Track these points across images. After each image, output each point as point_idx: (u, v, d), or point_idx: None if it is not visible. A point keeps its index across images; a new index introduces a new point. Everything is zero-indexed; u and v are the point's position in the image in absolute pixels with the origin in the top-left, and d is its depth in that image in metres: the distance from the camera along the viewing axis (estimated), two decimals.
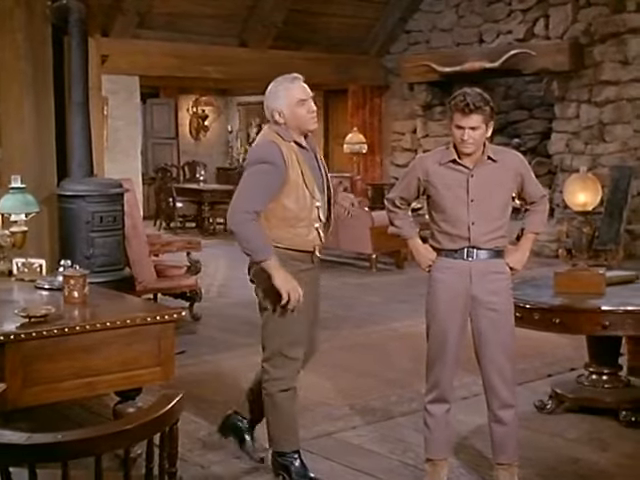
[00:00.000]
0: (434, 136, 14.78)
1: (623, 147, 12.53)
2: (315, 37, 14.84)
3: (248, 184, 4.35)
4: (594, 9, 12.78)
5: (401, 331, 7.95)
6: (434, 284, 4.49)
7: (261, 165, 4.33)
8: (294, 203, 4.36)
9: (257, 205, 4.31)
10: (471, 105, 4.23)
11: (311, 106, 4.36)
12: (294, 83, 4.35)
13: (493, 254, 4.42)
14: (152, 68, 13.42)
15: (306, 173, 4.37)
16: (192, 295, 8.51)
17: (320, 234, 4.44)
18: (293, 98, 4.31)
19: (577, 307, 5.33)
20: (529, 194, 4.54)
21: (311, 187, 4.37)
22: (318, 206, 4.41)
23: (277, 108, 4.35)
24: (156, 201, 17.09)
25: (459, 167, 4.37)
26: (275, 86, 4.40)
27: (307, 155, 4.42)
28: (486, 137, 4.38)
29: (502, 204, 4.43)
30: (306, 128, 4.39)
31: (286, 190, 4.34)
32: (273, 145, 4.33)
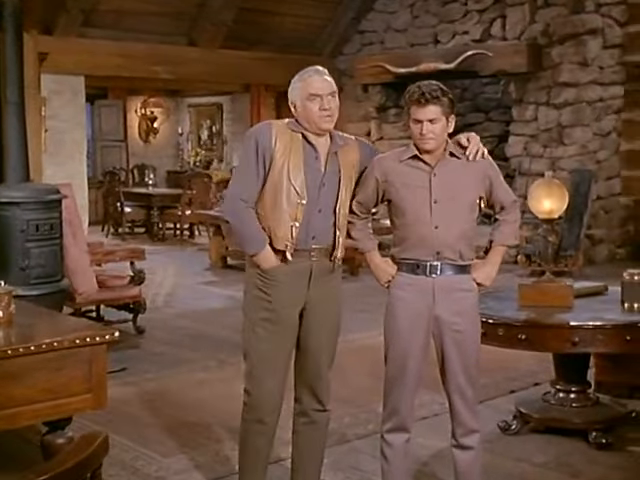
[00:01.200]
0: (388, 139, 14.51)
1: (582, 150, 12.31)
2: (266, 37, 14.52)
3: (240, 168, 4.19)
4: (552, 9, 12.54)
5: (357, 343, 7.56)
6: (394, 302, 4.12)
7: (247, 144, 4.10)
8: (272, 188, 4.03)
9: (251, 190, 4.05)
10: (427, 95, 3.90)
11: (324, 103, 4.01)
12: (312, 76, 4.05)
13: (458, 269, 4.06)
14: (98, 68, 13.04)
15: (294, 165, 4.01)
16: (136, 306, 8.07)
17: (293, 234, 4.01)
18: (305, 91, 4.01)
19: (544, 322, 4.99)
20: (498, 200, 4.17)
21: (297, 182, 3.99)
22: (300, 203, 4.00)
23: (292, 100, 4.09)
24: (104, 206, 16.63)
25: (420, 164, 4.02)
26: (296, 78, 4.11)
27: (310, 153, 4.05)
28: (448, 132, 4.03)
29: (468, 206, 4.06)
30: (317, 126, 4.04)
31: (270, 172, 4.04)
32: (266, 125, 4.15)
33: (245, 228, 4.06)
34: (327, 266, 4.14)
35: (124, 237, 15.66)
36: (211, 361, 7.08)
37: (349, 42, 15.47)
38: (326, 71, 4.09)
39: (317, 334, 4.17)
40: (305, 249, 4.04)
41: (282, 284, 4.04)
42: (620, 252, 12.66)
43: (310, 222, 4.03)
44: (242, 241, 4.13)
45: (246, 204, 4.02)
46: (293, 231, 4.01)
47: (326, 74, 4.07)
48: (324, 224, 4.09)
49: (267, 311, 4.06)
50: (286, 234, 4.01)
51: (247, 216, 4.03)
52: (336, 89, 4.08)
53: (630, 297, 5.25)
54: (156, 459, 4.97)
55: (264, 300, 4.06)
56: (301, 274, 4.07)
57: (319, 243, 4.08)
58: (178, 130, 20.54)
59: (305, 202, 4.01)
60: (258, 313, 4.08)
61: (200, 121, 20.24)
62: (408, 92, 3.99)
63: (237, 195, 4.06)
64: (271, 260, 4.02)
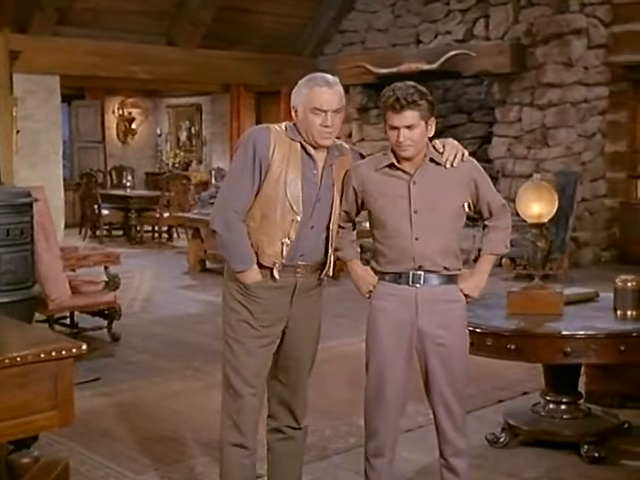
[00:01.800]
0: (370, 140, 14.31)
1: (567, 152, 12.14)
2: (246, 36, 14.29)
3: (234, 174, 3.85)
4: (536, 9, 12.38)
5: (337, 351, 7.32)
6: (375, 313, 3.91)
7: (243, 148, 3.80)
8: (265, 200, 3.76)
9: (243, 201, 3.78)
10: (402, 100, 3.66)
11: (327, 120, 3.72)
12: (321, 88, 3.74)
13: (443, 279, 3.85)
14: (74, 67, 12.80)
15: (292, 177, 3.74)
16: (111, 313, 7.81)
17: (284, 252, 3.76)
18: (310, 102, 3.73)
19: (534, 332, 4.78)
20: (486, 204, 3.94)
21: (293, 196, 3.73)
22: (294, 220, 3.74)
23: (294, 104, 3.82)
24: (81, 208, 16.33)
25: (398, 172, 3.80)
26: (304, 81, 3.84)
27: (309, 165, 3.79)
28: (428, 137, 3.80)
29: (451, 216, 3.85)
30: (314, 140, 3.76)
31: (265, 182, 3.77)
32: (264, 129, 3.86)
33: (235, 243, 3.78)
34: (312, 282, 3.92)
35: (102, 240, 15.36)
36: (187, 370, 6.84)
37: (330, 42, 15.28)
38: (337, 81, 3.81)
39: (298, 351, 3.96)
40: (291, 265, 3.82)
41: (264, 300, 3.82)
42: (605, 255, 12.50)
43: (301, 239, 3.79)
44: (230, 256, 3.83)
45: (238, 216, 3.75)
46: (284, 249, 3.77)
47: (336, 86, 3.78)
48: (315, 241, 3.86)
49: (248, 327, 3.83)
50: (276, 252, 3.78)
51: (239, 230, 3.76)
52: (343, 104, 3.81)
53: (623, 304, 5.06)
54: (128, 477, 4.72)
55: (244, 316, 3.84)
56: (284, 291, 3.85)
57: (307, 260, 3.85)
58: (157, 131, 20.26)
59: (300, 219, 3.76)
60: (238, 328, 3.85)
61: (179, 122, 19.97)
62: (383, 96, 3.76)
63: (230, 205, 3.77)
64: (256, 277, 3.78)
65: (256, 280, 3.77)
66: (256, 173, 3.74)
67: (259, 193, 3.76)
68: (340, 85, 3.81)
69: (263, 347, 3.86)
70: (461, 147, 3.91)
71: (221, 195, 3.90)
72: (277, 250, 3.76)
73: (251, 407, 3.87)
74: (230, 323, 3.87)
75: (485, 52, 12.41)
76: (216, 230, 3.82)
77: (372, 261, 3.96)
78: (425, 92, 3.76)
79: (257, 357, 3.86)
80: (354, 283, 4.01)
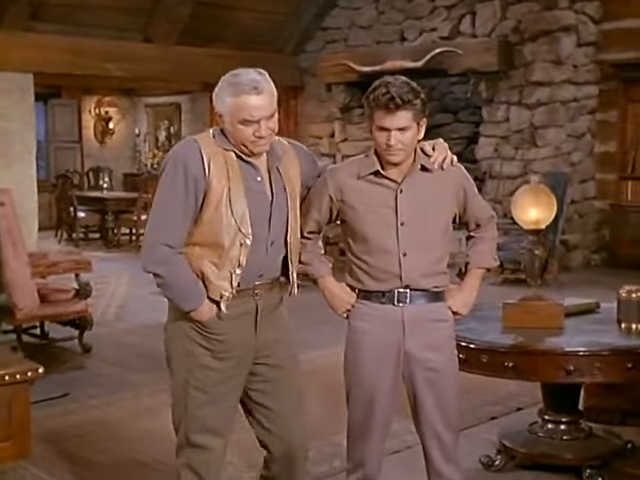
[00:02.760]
0: (353, 140, 14.01)
1: (556, 152, 11.83)
2: (225, 33, 13.88)
3: (162, 205, 3.31)
4: (524, 5, 12.04)
5: (317, 363, 6.93)
6: (355, 336, 3.53)
7: (171, 172, 3.26)
8: (208, 224, 3.27)
9: (178, 232, 3.28)
10: (397, 99, 3.27)
11: (261, 129, 3.23)
12: (249, 95, 3.19)
13: (431, 296, 3.50)
14: (47, 64, 12.29)
15: (235, 193, 3.25)
16: (81, 322, 7.44)
17: (233, 282, 3.29)
18: (237, 113, 3.22)
19: (534, 348, 4.41)
20: (473, 215, 3.60)
21: (239, 215, 3.24)
22: (244, 244, 3.27)
23: (219, 110, 3.29)
24: (57, 211, 15.94)
25: (383, 181, 3.43)
26: (225, 85, 3.25)
27: (250, 174, 3.30)
28: (418, 140, 3.45)
29: (441, 228, 3.50)
30: (249, 150, 3.28)
31: (205, 204, 3.28)
32: (191, 143, 3.31)
33: (177, 281, 3.28)
34: (274, 299, 3.50)
35: (78, 243, 15.03)
36: (161, 384, 6.42)
37: (312, 39, 14.89)
38: (266, 78, 3.26)
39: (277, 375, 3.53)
40: (248, 288, 3.37)
41: (226, 335, 3.37)
42: (595, 258, 12.20)
43: (256, 262, 3.34)
44: (175, 297, 3.31)
45: (173, 250, 3.26)
46: (233, 279, 3.31)
47: (266, 86, 3.24)
48: (274, 259, 3.43)
49: (211, 372, 3.37)
50: (223, 283, 3.31)
51: (177, 265, 3.27)
52: (275, 106, 3.28)
53: (627, 317, 4.72)
54: None
55: (205, 359, 3.36)
56: (246, 317, 3.41)
57: (266, 278, 3.43)
58: (135, 131, 19.83)
59: (250, 241, 3.29)
60: (199, 375, 3.37)
61: (158, 122, 19.54)
62: (373, 94, 3.35)
63: (160, 240, 3.25)
64: (210, 312, 3.33)
65: (211, 314, 3.33)
66: (190, 198, 3.25)
67: (199, 220, 3.29)
68: (269, 81, 3.27)
69: (231, 391, 3.43)
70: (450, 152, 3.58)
71: (148, 230, 3.35)
72: (225, 281, 3.30)
73: (221, 458, 3.49)
74: (189, 369, 3.37)
75: (472, 50, 12.09)
76: (152, 272, 3.28)
77: (347, 276, 3.58)
78: (418, 89, 3.40)
79: (226, 402, 3.42)
80: (328, 303, 3.63)
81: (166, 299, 3.40)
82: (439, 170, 3.48)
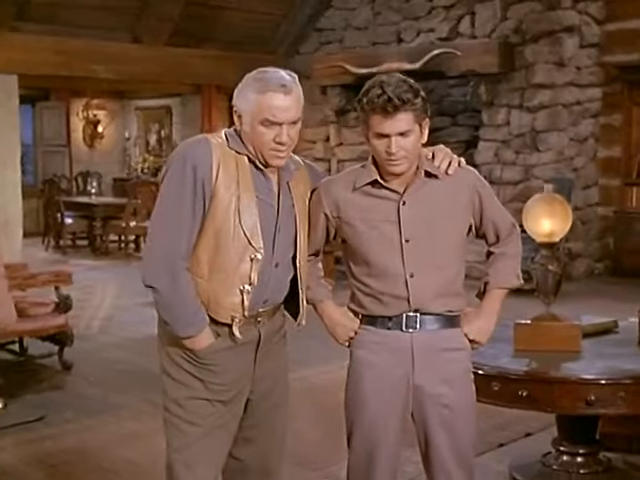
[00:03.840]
0: (349, 144, 13.63)
1: (558, 157, 11.46)
2: (216, 34, 13.52)
3: (170, 207, 2.90)
4: (525, 5, 11.67)
5: (312, 382, 6.50)
6: (358, 368, 3.13)
7: (179, 171, 2.87)
8: (213, 237, 2.89)
9: (186, 241, 2.89)
10: (395, 100, 2.86)
11: (282, 134, 2.88)
12: (276, 93, 2.86)
13: (445, 322, 3.09)
14: (33, 66, 11.95)
15: (245, 203, 2.88)
16: (61, 338, 7.01)
17: (245, 302, 2.91)
18: (260, 112, 2.87)
19: (551, 376, 3.99)
20: (492, 226, 3.19)
21: (249, 227, 2.88)
22: (255, 259, 2.89)
23: (238, 108, 2.94)
24: (44, 217, 15.52)
25: (383, 192, 3.02)
26: (251, 81, 2.93)
27: (261, 183, 2.93)
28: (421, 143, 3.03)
29: (453, 243, 3.09)
30: (264, 159, 2.92)
31: (209, 213, 2.89)
32: (202, 142, 2.93)
33: (183, 302, 2.89)
34: (276, 326, 3.11)
35: (65, 250, 14.63)
36: (144, 405, 5.99)
37: (306, 40, 14.53)
38: (296, 80, 2.94)
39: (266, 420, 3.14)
40: (252, 315, 2.98)
41: (222, 366, 2.97)
42: (599, 267, 11.83)
43: (264, 282, 2.95)
44: (175, 320, 2.91)
45: (180, 262, 2.88)
46: (245, 298, 2.91)
47: (295, 88, 2.91)
48: (281, 282, 3.04)
49: (202, 404, 2.99)
50: (234, 303, 2.91)
51: (183, 281, 2.88)
52: (301, 113, 2.94)
53: None
54: None
55: (197, 391, 2.98)
56: (246, 348, 3.02)
57: (270, 304, 3.03)
58: (125, 134, 19.40)
59: (261, 256, 2.91)
60: (189, 407, 2.99)
61: (148, 125, 19.11)
62: (366, 96, 2.94)
63: (166, 249, 2.87)
64: (208, 340, 2.93)
65: (208, 343, 2.93)
66: (198, 202, 2.87)
67: (203, 229, 2.90)
68: (299, 85, 2.95)
69: (223, 427, 3.03)
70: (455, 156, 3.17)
71: (156, 237, 2.94)
72: (236, 301, 2.91)
73: None
74: (178, 401, 2.99)
75: (471, 51, 11.72)
76: (155, 287, 2.88)
77: (350, 303, 3.18)
78: (417, 87, 2.98)
79: (216, 441, 3.02)
80: (328, 330, 3.22)
81: (160, 318, 2.99)
82: (447, 175, 3.08)
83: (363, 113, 2.97)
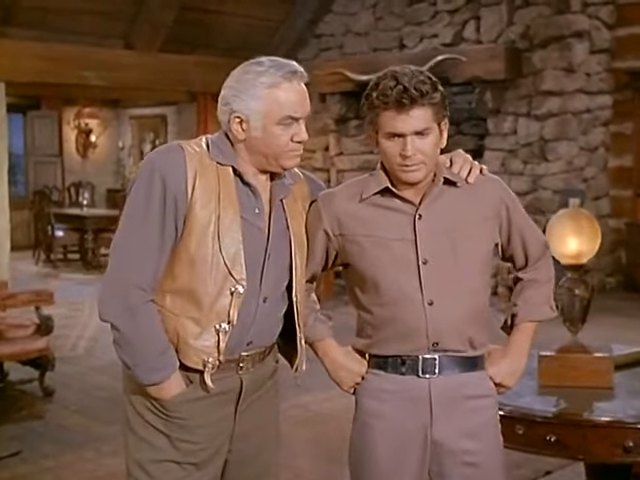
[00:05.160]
0: (349, 154, 13.22)
1: (568, 167, 11.01)
2: (211, 40, 13.10)
3: (132, 229, 2.43)
4: (533, 9, 11.22)
5: (312, 410, 5.99)
6: (366, 420, 2.66)
7: (145, 183, 2.40)
8: (187, 264, 2.41)
9: (152, 270, 2.41)
10: (413, 90, 2.41)
11: (302, 130, 2.46)
12: (291, 81, 2.46)
13: (468, 363, 2.62)
14: (21, 72, 11.45)
15: (227, 224, 2.40)
16: (42, 362, 6.55)
17: (221, 344, 2.43)
18: (276, 111, 2.43)
19: (584, 419, 3.51)
20: (521, 246, 2.72)
21: (231, 253, 2.41)
22: (236, 292, 2.41)
23: (241, 110, 2.45)
24: (35, 229, 15.04)
25: (396, 202, 2.55)
26: (249, 75, 2.49)
27: (248, 200, 2.49)
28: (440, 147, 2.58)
29: (479, 264, 2.61)
30: (279, 163, 2.47)
31: (182, 236, 2.42)
32: (174, 150, 2.46)
33: (143, 340, 2.41)
34: (265, 372, 2.63)
35: (56, 264, 14.20)
36: None
37: (305, 47, 14.11)
38: (301, 68, 2.51)
39: None
40: (232, 359, 2.49)
41: (193, 420, 2.48)
42: (610, 281, 11.36)
43: (248, 321, 2.47)
44: (136, 363, 2.43)
45: (145, 294, 2.40)
46: (221, 339, 2.43)
47: (304, 77, 2.52)
48: (270, 319, 2.55)
49: (170, 467, 2.48)
50: (207, 345, 2.43)
51: (147, 317, 2.41)
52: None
53: None
54: None
55: (164, 451, 2.48)
56: (224, 399, 2.52)
57: (255, 348, 2.54)
58: (119, 144, 18.93)
59: (243, 289, 2.43)
60: (155, 471, 2.48)
61: (143, 134, 18.63)
62: (377, 89, 2.48)
63: (128, 280, 2.40)
64: (178, 388, 2.45)
65: (177, 391, 2.45)
66: (168, 223, 2.40)
67: (174, 255, 2.43)
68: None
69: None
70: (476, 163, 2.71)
71: (115, 264, 2.46)
72: (210, 342, 2.43)
73: None
74: (141, 464, 2.50)
75: (476, 57, 11.28)
76: (110, 323, 2.42)
77: (357, 339, 2.71)
78: (435, 79, 2.53)
79: None
80: (330, 374, 2.75)
81: (121, 363, 2.50)
82: (469, 185, 2.61)
83: (372, 111, 2.51)
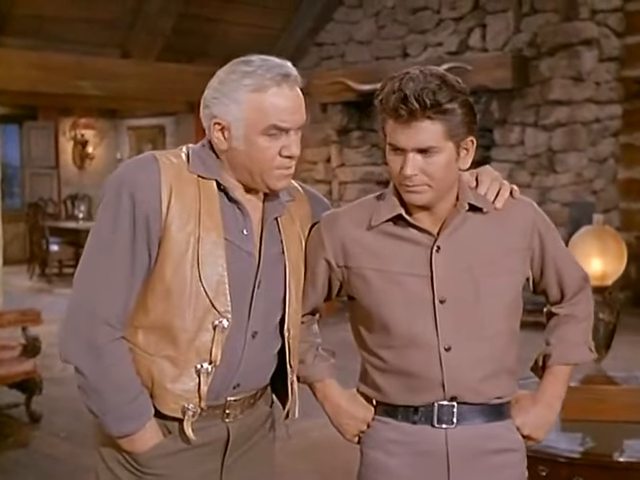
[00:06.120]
0: (351, 165, 12.93)
1: (577, 179, 10.71)
2: (210, 48, 12.82)
3: (98, 255, 2.11)
4: (540, 17, 10.95)
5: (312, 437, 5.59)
6: (371, 476, 2.32)
7: (113, 203, 2.08)
8: (162, 294, 2.08)
9: (120, 303, 2.08)
10: (413, 101, 2.06)
11: (291, 144, 2.13)
12: (280, 86, 2.13)
13: (492, 412, 2.27)
14: (14, 81, 11.18)
15: (208, 247, 2.07)
16: (29, 386, 6.23)
17: (202, 388, 2.09)
18: (261, 119, 2.11)
19: (615, 461, 3.19)
20: (557, 280, 2.38)
21: (213, 282, 2.08)
22: (219, 327, 2.08)
23: (221, 115, 2.15)
24: (29, 243, 14.77)
25: (410, 232, 2.21)
26: (234, 75, 2.19)
27: (235, 220, 2.16)
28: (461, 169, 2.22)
29: (505, 303, 2.26)
30: (265, 182, 2.15)
31: (157, 262, 2.08)
32: (147, 162, 2.15)
33: (112, 387, 2.08)
34: (257, 420, 2.28)
35: (50, 279, 13.89)
36: None
37: (305, 55, 13.82)
38: (295, 72, 2.17)
39: None
40: (216, 405, 2.16)
41: (170, 477, 2.13)
42: (620, 297, 11.01)
43: (234, 360, 2.14)
44: (103, 411, 2.10)
45: (113, 331, 2.08)
46: (202, 382, 2.09)
47: (299, 78, 2.20)
48: (260, 358, 2.21)
49: None
50: (186, 390, 2.10)
51: (115, 358, 2.09)
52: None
53: None
54: None
55: None
56: (208, 450, 2.18)
57: (244, 391, 2.20)
58: (117, 155, 18.63)
59: (228, 323, 2.09)
60: None
61: (141, 145, 18.33)
62: (382, 91, 2.14)
63: (92, 315, 2.07)
64: (153, 439, 2.11)
65: (152, 442, 2.11)
66: (140, 246, 2.07)
67: (147, 283, 2.10)
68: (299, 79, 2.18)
69: None
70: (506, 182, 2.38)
71: (78, 295, 2.14)
72: (190, 385, 2.10)
73: None
74: None
75: (482, 65, 11.00)
76: (73, 364, 2.10)
77: (360, 383, 2.38)
78: (460, 87, 2.15)
79: None
80: (331, 420, 2.42)
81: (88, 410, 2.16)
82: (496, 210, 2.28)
83: (380, 115, 2.18)
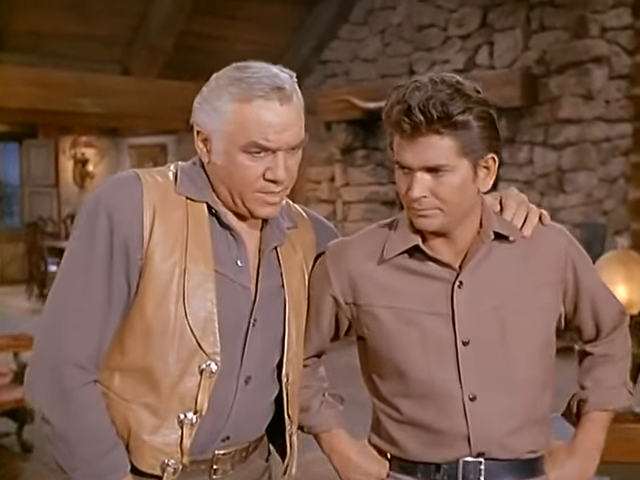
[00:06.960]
0: (356, 185, 12.81)
1: (587, 199, 10.51)
2: (212, 66, 11.91)
3: (68, 288, 1.87)
4: (549, 34, 10.79)
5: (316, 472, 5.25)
6: None
7: (86, 227, 1.86)
8: (141, 332, 1.84)
9: (94, 342, 1.84)
10: (418, 114, 1.87)
11: (278, 167, 1.89)
12: (269, 100, 1.89)
13: (524, 469, 2.01)
14: (12, 98, 11.04)
15: (196, 280, 1.85)
16: (21, 414, 5.97)
17: (184, 441, 1.85)
18: (242, 133, 1.89)
19: None
20: (592, 316, 2.14)
21: (200, 320, 1.84)
22: (206, 371, 1.84)
23: (203, 124, 2.00)
24: (28, 263, 14.54)
25: (429, 266, 1.96)
26: (222, 80, 1.96)
27: (228, 249, 1.93)
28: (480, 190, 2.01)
29: (537, 345, 2.01)
30: (246, 205, 1.92)
31: (137, 295, 1.83)
32: (128, 181, 1.92)
33: (82, 438, 1.83)
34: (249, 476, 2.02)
35: None
36: None
37: (310, 73, 13.65)
38: (294, 80, 1.95)
39: None
40: (202, 460, 1.91)
41: None
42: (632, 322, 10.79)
43: (223, 409, 1.88)
44: (72, 467, 1.85)
45: (84, 374, 1.84)
46: (185, 434, 1.84)
47: (295, 93, 1.97)
48: (254, 406, 1.95)
49: None
50: (168, 442, 1.85)
51: (89, 407, 1.84)
52: (304, 133, 1.95)
53: None
54: None
55: None
56: None
57: (235, 444, 1.94)
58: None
59: (216, 367, 1.83)
60: None
61: (142, 164, 18.18)
62: (388, 102, 1.95)
63: (68, 355, 1.84)
64: None
65: None
66: (117, 275, 1.84)
67: (126, 319, 1.86)
68: (298, 89, 1.95)
69: None
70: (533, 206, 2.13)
71: (45, 332, 1.91)
72: (171, 438, 1.85)
73: None
74: None
75: (490, 83, 10.71)
76: (43, 410, 1.86)
77: (372, 434, 2.12)
78: (477, 98, 1.97)
79: None
80: (340, 474, 2.15)
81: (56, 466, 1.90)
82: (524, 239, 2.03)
83: (388, 129, 1.97)
